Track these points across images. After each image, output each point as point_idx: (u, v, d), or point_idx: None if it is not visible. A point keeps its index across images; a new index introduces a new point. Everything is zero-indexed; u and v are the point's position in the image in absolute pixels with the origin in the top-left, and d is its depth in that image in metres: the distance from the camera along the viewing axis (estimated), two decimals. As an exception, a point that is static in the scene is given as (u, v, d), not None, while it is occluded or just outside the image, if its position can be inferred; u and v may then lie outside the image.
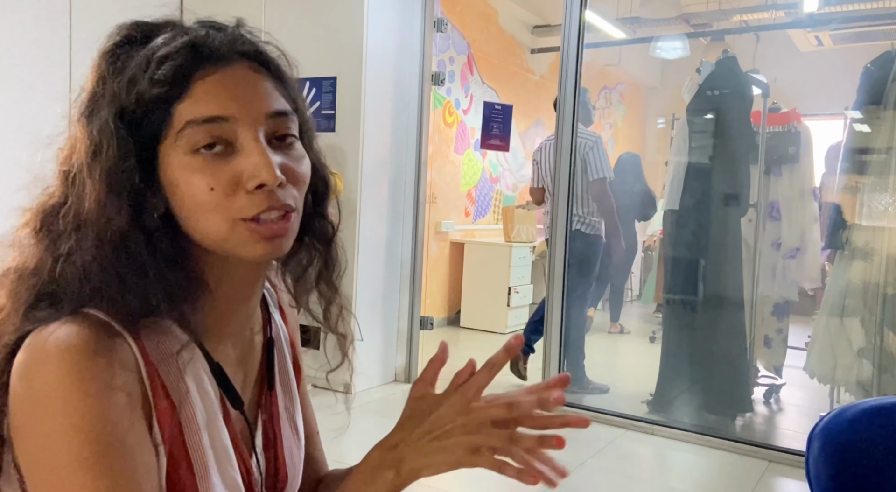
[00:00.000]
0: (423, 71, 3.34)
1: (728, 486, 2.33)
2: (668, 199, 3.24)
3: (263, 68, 0.57)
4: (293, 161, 0.56)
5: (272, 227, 0.54)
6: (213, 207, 0.53)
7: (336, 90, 3.12)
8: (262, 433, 0.65)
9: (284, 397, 0.68)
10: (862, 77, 2.85)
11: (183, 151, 0.53)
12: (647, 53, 4.13)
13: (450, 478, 2.36)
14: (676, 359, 3.17)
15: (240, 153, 0.53)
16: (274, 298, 0.71)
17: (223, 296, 0.59)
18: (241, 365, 0.63)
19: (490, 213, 5.60)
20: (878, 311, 2.71)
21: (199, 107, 0.52)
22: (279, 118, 0.56)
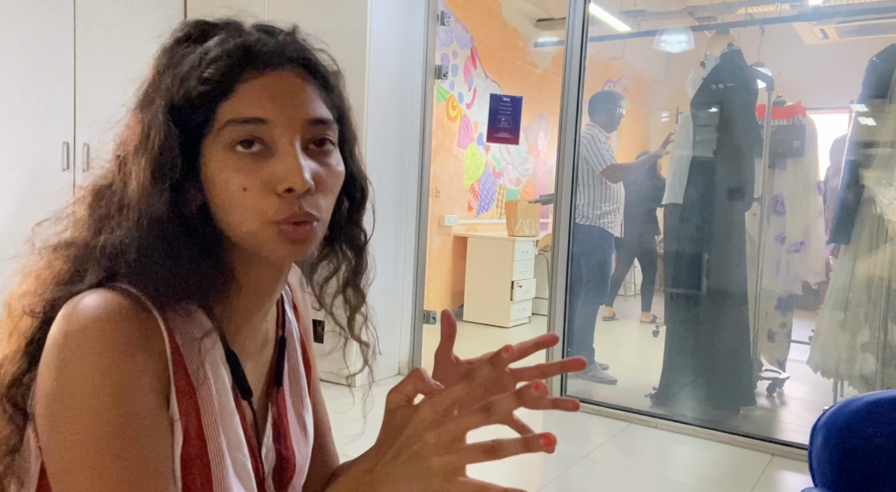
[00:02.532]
0: (427, 64, 3.33)
1: (731, 479, 2.34)
2: (670, 192, 3.23)
3: (310, 76, 0.59)
4: (326, 169, 0.58)
5: (297, 230, 0.56)
6: (245, 205, 0.55)
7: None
8: (272, 426, 0.66)
9: (292, 395, 0.70)
10: (867, 70, 2.83)
11: (221, 148, 0.55)
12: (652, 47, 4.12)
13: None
14: (680, 353, 3.17)
15: (275, 156, 0.55)
16: (289, 296, 0.73)
17: (247, 290, 0.60)
18: (254, 359, 0.65)
19: (493, 207, 5.59)
20: (882, 305, 2.70)
21: (240, 107, 0.55)
22: (318, 126, 0.57)
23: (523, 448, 0.53)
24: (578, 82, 3.02)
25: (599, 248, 3.56)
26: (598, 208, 3.52)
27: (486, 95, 3.77)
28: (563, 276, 3.08)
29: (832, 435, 1.01)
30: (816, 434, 1.03)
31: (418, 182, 3.39)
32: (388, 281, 3.31)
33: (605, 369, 3.55)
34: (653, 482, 2.28)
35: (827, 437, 1.02)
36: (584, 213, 3.50)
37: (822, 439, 1.02)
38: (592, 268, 3.56)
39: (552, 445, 0.52)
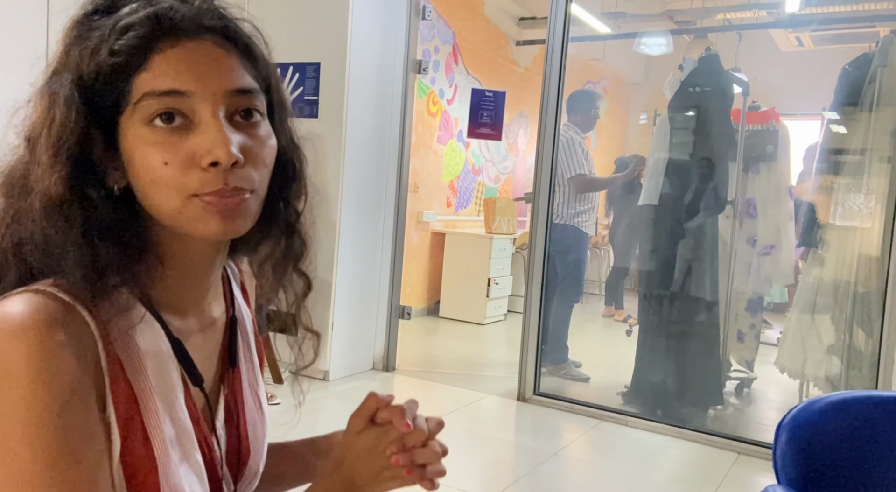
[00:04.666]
0: (408, 59, 3.32)
1: (699, 476, 2.38)
2: (647, 194, 3.27)
3: (231, 44, 0.55)
4: (255, 141, 0.55)
5: (225, 203, 0.53)
6: (167, 181, 0.52)
7: (319, 76, 3.09)
8: (224, 409, 0.64)
9: (249, 374, 0.67)
10: (840, 78, 2.90)
11: (139, 123, 0.52)
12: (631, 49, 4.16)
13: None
14: (652, 352, 3.22)
15: (197, 129, 0.52)
16: (236, 276, 0.70)
17: (181, 272, 0.58)
18: (202, 342, 0.62)
19: (472, 204, 5.60)
20: (849, 308, 2.77)
21: (156, 80, 0.51)
22: (243, 95, 0.54)
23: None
24: (559, 82, 3.04)
25: (574, 247, 3.59)
26: (572, 208, 3.55)
27: (467, 92, 3.77)
28: (539, 274, 3.10)
29: (796, 434, 1.03)
30: (781, 433, 1.05)
31: (397, 177, 3.38)
32: (365, 276, 3.30)
33: (579, 366, 3.59)
34: (622, 479, 2.31)
35: (791, 436, 1.04)
36: (558, 212, 3.53)
37: (786, 438, 1.04)
38: (567, 266, 3.59)
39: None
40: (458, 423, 2.74)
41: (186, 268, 0.58)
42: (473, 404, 3.02)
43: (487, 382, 3.42)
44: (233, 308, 0.67)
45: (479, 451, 2.47)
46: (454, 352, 4.17)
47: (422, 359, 3.86)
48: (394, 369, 3.43)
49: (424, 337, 4.52)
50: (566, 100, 3.31)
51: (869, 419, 1.03)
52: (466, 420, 2.79)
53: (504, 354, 4.20)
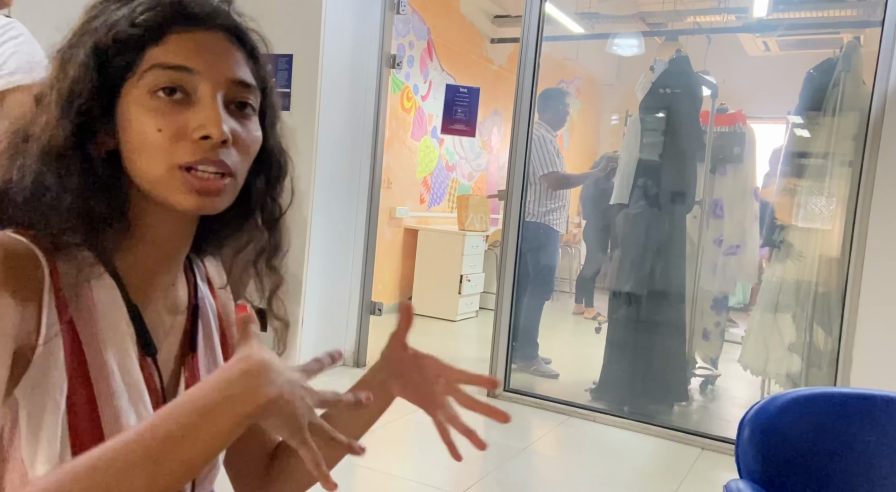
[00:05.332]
0: (382, 53, 3.30)
1: (663, 471, 2.43)
2: (618, 193, 3.32)
3: (239, 42, 0.61)
4: (245, 129, 0.59)
5: (206, 182, 0.56)
6: (157, 148, 0.55)
7: (291, 68, 3.05)
8: (185, 391, 0.65)
9: (208, 362, 0.69)
10: (804, 83, 2.97)
11: (143, 91, 0.56)
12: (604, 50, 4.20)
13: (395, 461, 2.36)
14: (620, 349, 3.26)
15: (195, 105, 0.56)
16: (202, 271, 0.72)
17: (150, 242, 0.61)
18: (162, 319, 0.64)
19: (445, 201, 5.61)
20: (809, 308, 2.85)
21: (168, 54, 0.56)
22: (242, 87, 0.59)
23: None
24: (532, 80, 3.06)
25: (545, 245, 3.62)
26: (543, 206, 3.58)
27: (442, 88, 3.77)
28: (511, 271, 3.12)
29: (757, 430, 1.06)
30: (743, 429, 1.07)
31: (370, 172, 3.36)
32: (336, 271, 3.28)
33: (548, 362, 3.62)
34: (589, 474, 2.34)
35: (753, 432, 1.07)
36: (529, 210, 3.55)
37: (748, 433, 1.07)
38: (538, 264, 3.62)
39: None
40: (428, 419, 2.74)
41: (154, 240, 0.61)
42: (444, 401, 3.02)
43: (458, 378, 3.43)
44: (196, 296, 0.69)
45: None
46: (425, 348, 4.12)
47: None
48: (364, 365, 3.42)
49: (395, 333, 4.49)
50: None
51: (828, 416, 1.07)
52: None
53: (475, 351, 4.21)
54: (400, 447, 2.45)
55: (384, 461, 2.28)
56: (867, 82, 2.58)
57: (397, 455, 2.37)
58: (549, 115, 3.63)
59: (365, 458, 2.30)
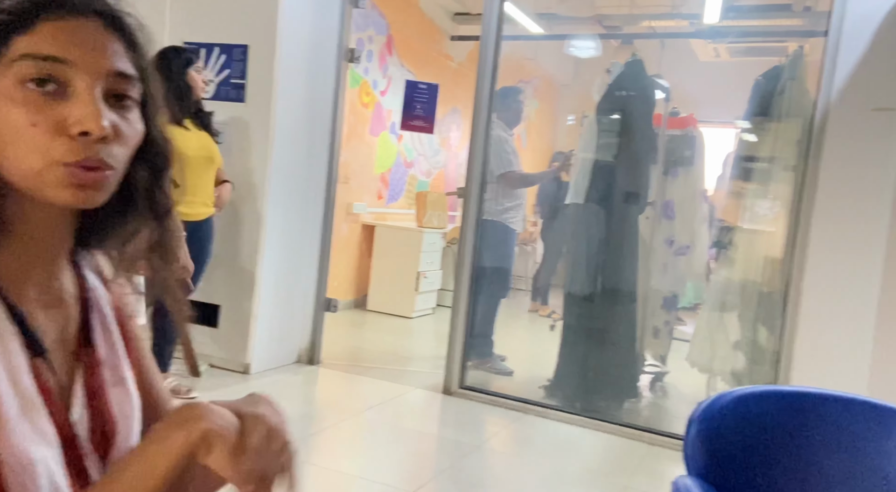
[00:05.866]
0: (340, 46, 3.26)
1: (613, 467, 2.48)
2: (574, 193, 3.37)
3: (117, 30, 0.57)
4: (125, 122, 0.56)
5: (86, 176, 0.54)
6: (32, 143, 0.52)
7: (247, 59, 2.98)
8: (85, 388, 0.63)
9: (108, 354, 0.67)
10: (752, 89, 3.07)
11: (11, 81, 0.52)
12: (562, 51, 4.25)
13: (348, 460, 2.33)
14: (574, 346, 3.31)
15: (71, 98, 0.53)
16: (92, 265, 0.69)
17: (27, 238, 0.58)
18: (48, 317, 0.61)
19: (403, 197, 5.58)
20: (754, 307, 2.96)
21: (39, 44, 0.52)
22: (121, 79, 0.56)
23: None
24: (492, 79, 3.07)
25: (502, 243, 3.64)
26: (500, 204, 3.60)
27: (401, 84, 3.74)
28: (468, 269, 3.13)
29: (705, 427, 1.09)
30: (691, 426, 1.10)
31: (327, 167, 3.31)
32: (291, 267, 3.22)
33: (503, 360, 3.65)
34: (541, 470, 2.37)
35: (700, 429, 1.09)
36: (487, 208, 3.57)
37: (695, 430, 1.09)
38: (495, 262, 3.64)
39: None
40: (383, 417, 2.72)
41: (29, 235, 0.58)
42: (399, 398, 3.02)
43: (413, 375, 3.42)
44: (86, 289, 0.66)
45: (402, 444, 2.47)
46: (381, 345, 4.15)
47: (348, 352, 3.81)
48: (319, 362, 3.37)
49: (351, 330, 4.46)
50: (493, 97, 3.34)
51: (771, 412, 1.10)
52: (391, 414, 2.78)
53: (431, 348, 4.22)
54: (353, 446, 2.43)
55: (337, 460, 2.26)
56: (811, 90, 2.69)
57: (350, 454, 2.35)
58: (504, 113, 3.65)
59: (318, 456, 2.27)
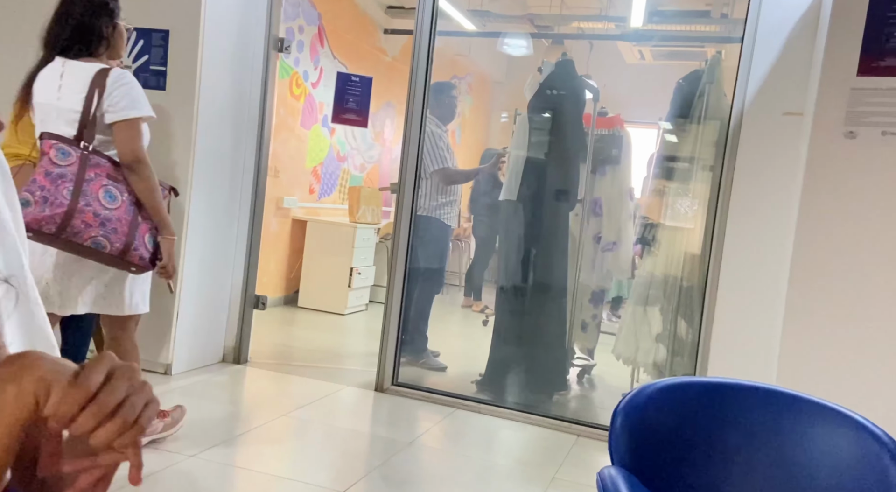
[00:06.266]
0: (269, 35, 3.16)
1: (542, 458, 2.53)
2: (507, 190, 3.41)
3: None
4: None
5: None
6: None
7: (168, 45, 2.84)
8: None
9: None
10: (674, 92, 3.20)
11: None
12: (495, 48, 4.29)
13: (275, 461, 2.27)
14: (506, 341, 3.36)
15: None
16: None
17: None
18: None
19: (336, 192, 5.49)
20: (675, 301, 3.09)
21: None
22: None
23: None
24: (426, 74, 3.05)
25: (436, 239, 3.65)
26: (434, 200, 3.60)
27: (334, 76, 3.67)
28: (402, 264, 3.11)
29: (629, 419, 1.12)
30: (616, 418, 1.13)
31: (256, 160, 3.21)
32: (217, 262, 3.10)
33: (437, 355, 3.66)
34: (472, 465, 2.39)
35: (625, 420, 1.13)
36: (421, 204, 3.56)
37: (620, 422, 1.13)
38: (429, 258, 3.64)
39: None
40: (313, 416, 2.67)
41: None
42: (330, 396, 2.97)
43: (346, 373, 3.38)
44: None
45: (333, 444, 2.43)
46: (312, 343, 4.07)
47: (277, 351, 3.72)
48: (246, 361, 3.27)
49: (281, 328, 4.36)
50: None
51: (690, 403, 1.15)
52: (322, 413, 2.73)
53: (364, 345, 4.17)
54: (281, 447, 2.37)
55: (265, 462, 2.20)
56: (727, 94, 2.83)
57: (279, 455, 2.29)
58: (438, 109, 3.65)
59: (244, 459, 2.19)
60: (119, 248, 1.82)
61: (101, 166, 1.83)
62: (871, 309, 1.95)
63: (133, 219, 1.86)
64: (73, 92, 1.83)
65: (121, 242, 1.82)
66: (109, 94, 1.82)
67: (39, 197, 1.73)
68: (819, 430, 1.06)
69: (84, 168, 1.79)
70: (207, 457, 2.16)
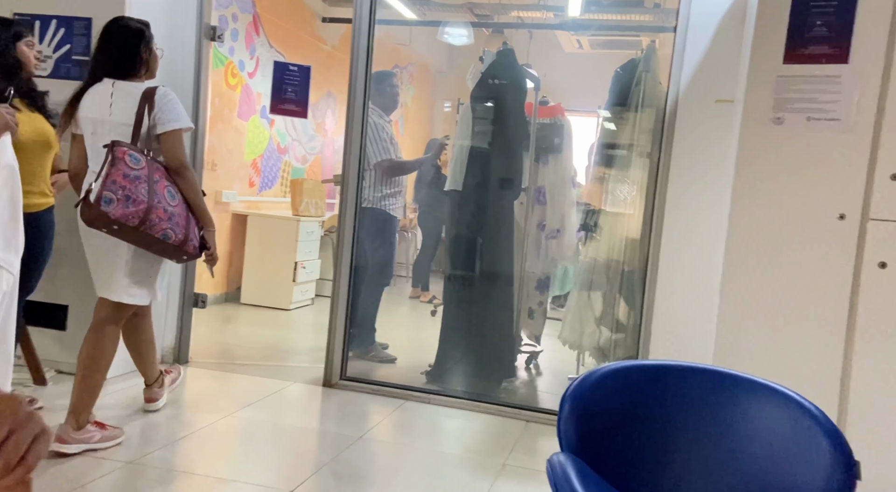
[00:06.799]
0: (201, 23, 3.03)
1: (492, 446, 2.55)
2: (451, 180, 3.40)
3: None
4: None
5: None
6: None
7: (91, 33, 2.69)
8: None
9: None
10: (612, 80, 3.25)
11: None
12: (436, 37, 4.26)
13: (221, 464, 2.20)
14: (454, 331, 3.37)
15: None
16: None
17: None
18: None
19: (277, 184, 5.36)
20: (617, 285, 3.16)
21: None
22: None
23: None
24: (367, 63, 3.00)
25: (383, 230, 3.61)
26: (379, 191, 3.55)
27: (271, 66, 3.56)
28: (347, 257, 3.06)
29: (576, 404, 1.14)
30: (564, 404, 1.14)
31: (191, 153, 3.08)
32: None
33: (386, 348, 3.63)
34: (423, 455, 2.39)
35: (572, 406, 1.14)
36: (366, 196, 3.51)
37: (568, 408, 1.14)
38: (377, 251, 3.60)
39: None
40: (259, 415, 2.61)
41: None
42: (276, 394, 2.90)
43: (292, 370, 3.31)
44: None
45: (280, 443, 2.38)
46: (256, 340, 3.97)
47: (219, 349, 3.61)
48: (187, 361, 3.16)
49: (223, 326, 4.23)
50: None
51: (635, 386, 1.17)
52: (268, 411, 2.67)
53: (311, 340, 4.10)
54: (227, 448, 2.30)
55: (209, 465, 2.13)
56: (663, 82, 2.90)
57: (224, 457, 2.22)
58: (379, 98, 3.59)
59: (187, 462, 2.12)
60: (181, 238, 2.13)
61: (161, 170, 2.13)
62: (800, 289, 2.04)
63: (187, 214, 2.18)
64: (123, 108, 2.13)
65: (182, 233, 2.14)
66: (159, 110, 2.13)
67: (122, 195, 1.99)
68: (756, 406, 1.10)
69: (152, 172, 2.09)
70: (146, 462, 2.08)
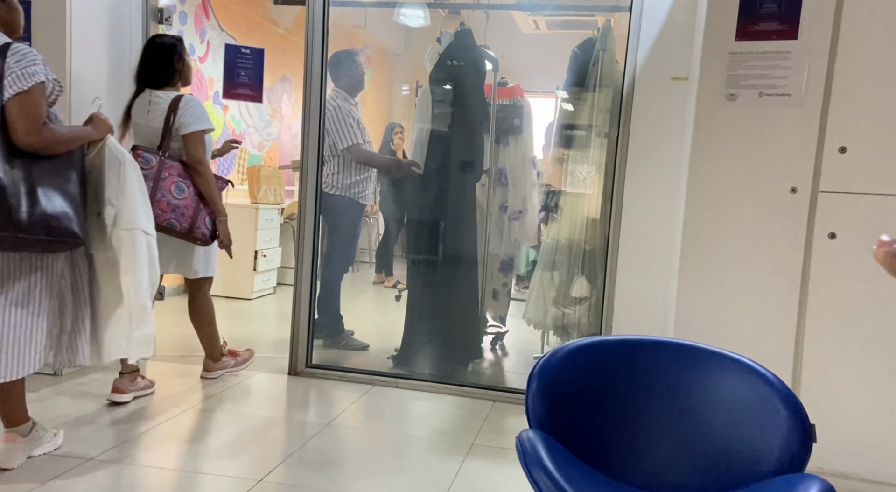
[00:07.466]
0: (147, 6, 2.92)
1: (460, 427, 2.57)
2: (411, 163, 3.37)
3: None
4: None
5: None
6: None
7: (30, 16, 2.56)
8: None
9: None
10: (570, 60, 3.27)
11: None
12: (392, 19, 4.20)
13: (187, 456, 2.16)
14: (419, 315, 3.37)
15: None
16: None
17: None
18: None
19: (234, 172, 5.23)
20: (579, 264, 3.21)
21: None
22: None
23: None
24: (322, 45, 2.94)
25: (349, 217, 3.56)
26: (348, 178, 3.50)
27: (222, 50, 3.46)
28: (309, 245, 3.02)
29: (542, 382, 1.15)
30: (531, 382, 1.16)
31: (140, 141, 2.98)
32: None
33: (352, 334, 3.61)
34: (392, 439, 2.39)
35: (539, 384, 1.15)
36: (332, 182, 3.46)
37: (535, 385, 1.15)
38: (340, 237, 3.55)
39: None
40: (223, 406, 2.57)
41: None
42: (241, 385, 2.86)
43: (257, 360, 3.26)
44: None
45: (247, 433, 2.35)
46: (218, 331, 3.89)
47: (180, 342, 3.53)
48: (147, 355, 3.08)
49: (182, 317, 4.12)
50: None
51: (599, 362, 1.19)
52: (233, 402, 2.63)
53: (274, 330, 4.05)
54: (191, 441, 2.26)
55: (174, 458, 2.09)
56: (619, 62, 2.92)
57: (189, 450, 2.18)
58: (343, 81, 3.52)
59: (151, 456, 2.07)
60: (186, 227, 2.52)
61: (174, 168, 2.51)
62: (755, 261, 2.11)
63: (196, 206, 2.54)
64: (157, 114, 2.52)
65: (187, 222, 2.52)
66: (182, 115, 2.51)
67: None
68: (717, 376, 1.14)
69: (161, 170, 2.47)
70: (109, 457, 2.03)
